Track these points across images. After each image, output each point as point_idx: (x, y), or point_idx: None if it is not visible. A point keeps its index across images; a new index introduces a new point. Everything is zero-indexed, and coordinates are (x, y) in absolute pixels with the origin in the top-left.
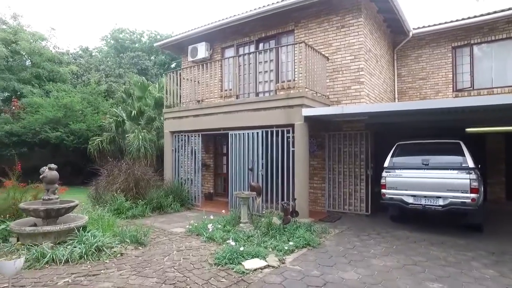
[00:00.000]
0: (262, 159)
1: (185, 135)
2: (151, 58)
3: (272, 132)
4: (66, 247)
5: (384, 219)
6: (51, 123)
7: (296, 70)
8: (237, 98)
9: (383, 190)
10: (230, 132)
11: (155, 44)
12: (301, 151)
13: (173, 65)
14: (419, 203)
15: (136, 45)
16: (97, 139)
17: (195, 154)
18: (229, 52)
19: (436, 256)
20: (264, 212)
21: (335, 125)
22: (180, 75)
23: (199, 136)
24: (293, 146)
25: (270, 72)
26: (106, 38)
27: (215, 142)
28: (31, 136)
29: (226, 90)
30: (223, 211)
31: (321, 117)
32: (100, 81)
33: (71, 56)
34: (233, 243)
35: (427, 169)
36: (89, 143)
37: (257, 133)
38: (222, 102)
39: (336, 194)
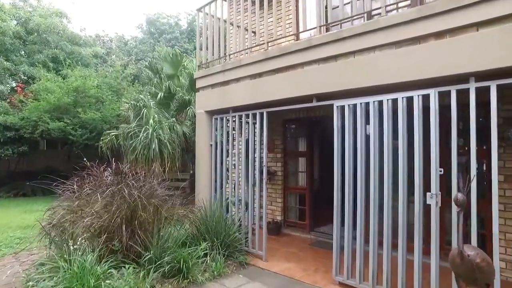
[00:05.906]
0: (436, 161)
1: (233, 117)
2: (191, 45)
3: (461, 95)
4: None
5: None
6: (55, 111)
7: None
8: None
9: None
10: (337, 104)
11: None
12: None
13: None
14: None
15: (175, 30)
16: (112, 133)
17: (252, 152)
18: None
19: None
20: None
21: None
22: (224, 9)
23: (261, 117)
24: None
25: None
26: (141, 26)
27: (284, 133)
28: (30, 130)
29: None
30: None
31: None
32: (129, 65)
33: (99, 39)
34: None
35: None
36: (101, 138)
37: (422, 97)
38: (315, 38)
39: None
